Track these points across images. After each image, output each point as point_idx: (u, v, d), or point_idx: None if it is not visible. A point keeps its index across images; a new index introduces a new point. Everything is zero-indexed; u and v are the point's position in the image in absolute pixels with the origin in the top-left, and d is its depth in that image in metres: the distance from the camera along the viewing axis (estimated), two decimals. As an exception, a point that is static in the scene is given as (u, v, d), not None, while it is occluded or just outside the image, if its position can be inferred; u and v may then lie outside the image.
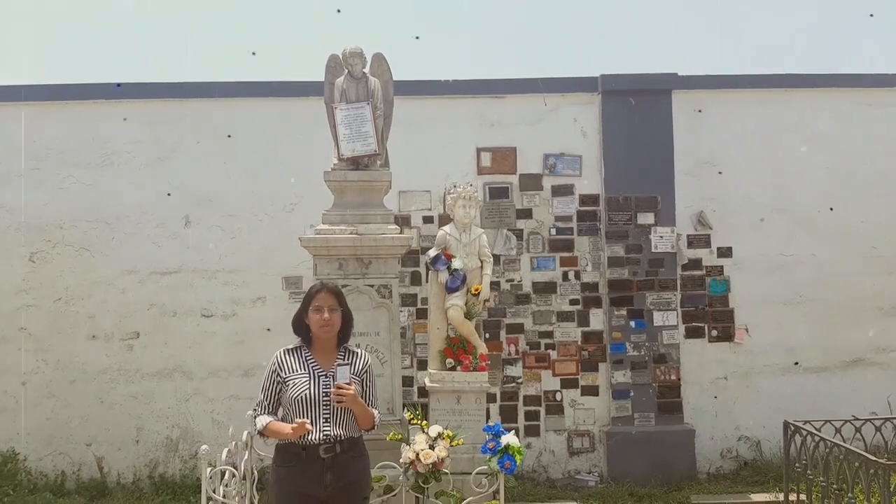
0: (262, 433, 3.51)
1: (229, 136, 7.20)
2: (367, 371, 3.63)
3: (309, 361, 3.53)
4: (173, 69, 10.51)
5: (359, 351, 3.69)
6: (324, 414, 3.43)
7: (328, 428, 3.42)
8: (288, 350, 3.60)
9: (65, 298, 7.10)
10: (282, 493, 3.46)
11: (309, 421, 3.36)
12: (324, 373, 3.49)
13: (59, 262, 7.12)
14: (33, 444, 6.93)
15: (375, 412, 3.60)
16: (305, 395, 3.43)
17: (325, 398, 3.43)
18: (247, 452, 4.60)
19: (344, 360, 3.56)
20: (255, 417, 3.55)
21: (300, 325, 3.61)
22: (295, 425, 3.34)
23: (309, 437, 3.39)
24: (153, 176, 7.18)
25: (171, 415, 7.06)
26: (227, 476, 4.21)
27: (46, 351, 7.05)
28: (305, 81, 6.70)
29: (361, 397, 3.52)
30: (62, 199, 7.15)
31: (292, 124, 7.10)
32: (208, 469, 4.13)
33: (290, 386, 3.47)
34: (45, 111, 7.22)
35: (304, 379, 3.47)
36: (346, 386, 3.39)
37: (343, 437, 3.44)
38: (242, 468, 4.47)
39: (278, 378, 3.52)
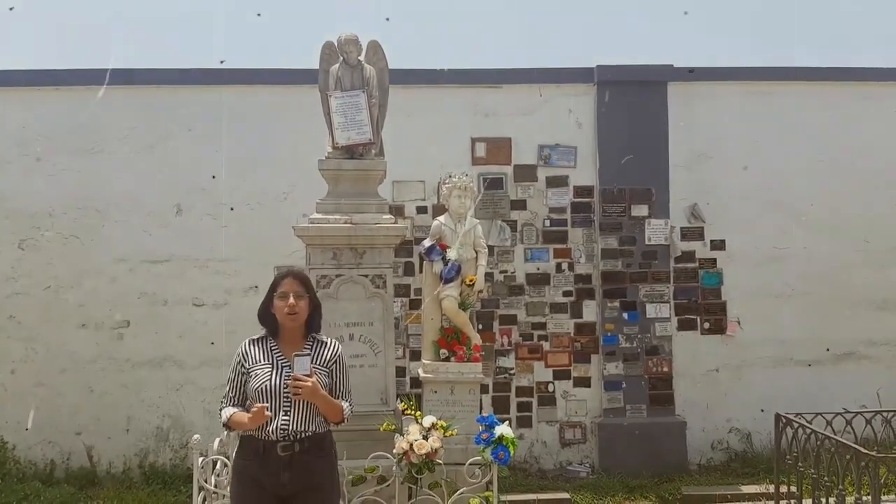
0: (227, 425, 3.39)
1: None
2: (335, 361, 3.46)
3: (274, 352, 3.40)
4: (165, 55, 10.41)
5: (328, 340, 3.53)
6: (284, 407, 3.28)
7: (287, 420, 3.27)
8: (253, 340, 3.46)
9: (54, 286, 7.03)
10: (241, 486, 3.33)
11: (268, 406, 3.22)
12: (287, 363, 3.34)
13: (49, 249, 7.05)
14: (22, 433, 6.87)
15: (345, 405, 3.44)
16: (266, 386, 3.30)
17: (285, 390, 3.28)
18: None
19: (311, 350, 3.41)
20: (221, 409, 3.41)
21: (266, 314, 3.47)
22: (253, 413, 3.21)
23: (267, 432, 3.25)
24: (144, 163, 7.11)
25: (162, 404, 7.02)
26: (218, 466, 4.20)
27: (35, 339, 6.99)
28: (299, 69, 6.62)
29: (329, 389, 3.38)
30: (52, 186, 7.07)
31: (285, 112, 7.04)
32: (200, 459, 4.11)
33: (253, 377, 3.34)
34: (35, 96, 7.13)
35: (267, 370, 3.34)
36: (304, 378, 3.23)
37: (303, 435, 3.29)
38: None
39: (243, 369, 3.39)
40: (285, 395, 3.28)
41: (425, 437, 4.33)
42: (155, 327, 7.05)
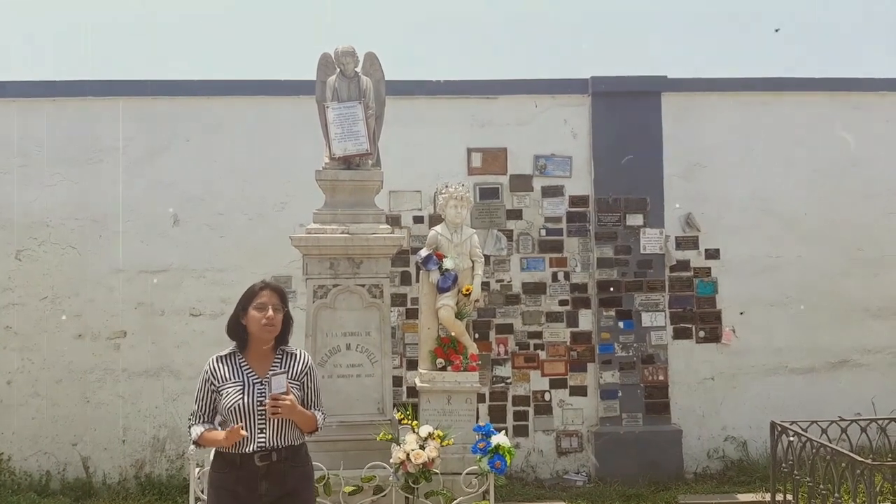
0: (198, 443, 3.38)
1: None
2: (306, 373, 3.47)
3: (243, 368, 3.37)
4: (164, 66, 10.46)
5: (297, 352, 3.52)
6: (259, 423, 3.28)
7: (263, 437, 3.28)
8: (220, 357, 3.42)
9: (51, 297, 7.04)
10: (218, 498, 3.31)
11: (243, 426, 3.23)
12: (258, 380, 3.34)
13: (46, 260, 7.06)
14: (18, 444, 6.86)
15: (318, 414, 3.48)
16: (239, 405, 3.28)
17: (259, 407, 3.28)
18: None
19: (281, 364, 3.41)
20: (190, 427, 3.42)
21: (236, 326, 3.45)
22: (228, 432, 3.21)
23: (244, 447, 3.25)
24: (142, 174, 7.14)
25: (159, 414, 7.01)
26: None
27: (32, 350, 6.98)
28: (297, 80, 6.67)
29: (302, 400, 3.40)
30: (50, 197, 7.08)
31: (283, 123, 7.08)
32: (196, 469, 4.12)
33: (224, 396, 3.31)
34: (33, 107, 7.14)
35: (238, 388, 3.32)
36: (282, 396, 3.23)
37: (280, 446, 3.30)
38: (232, 468, 4.44)
39: (212, 387, 3.36)
40: (259, 412, 3.28)
41: (422, 447, 4.35)
42: (152, 337, 7.05)
